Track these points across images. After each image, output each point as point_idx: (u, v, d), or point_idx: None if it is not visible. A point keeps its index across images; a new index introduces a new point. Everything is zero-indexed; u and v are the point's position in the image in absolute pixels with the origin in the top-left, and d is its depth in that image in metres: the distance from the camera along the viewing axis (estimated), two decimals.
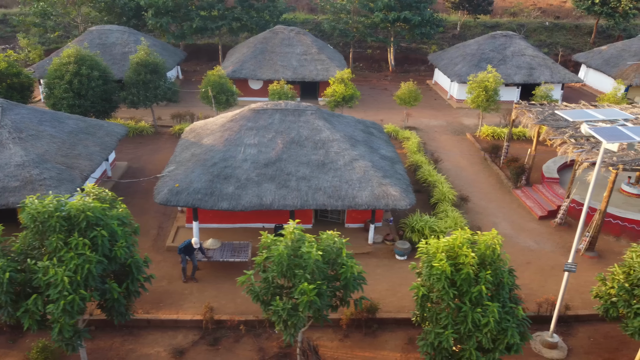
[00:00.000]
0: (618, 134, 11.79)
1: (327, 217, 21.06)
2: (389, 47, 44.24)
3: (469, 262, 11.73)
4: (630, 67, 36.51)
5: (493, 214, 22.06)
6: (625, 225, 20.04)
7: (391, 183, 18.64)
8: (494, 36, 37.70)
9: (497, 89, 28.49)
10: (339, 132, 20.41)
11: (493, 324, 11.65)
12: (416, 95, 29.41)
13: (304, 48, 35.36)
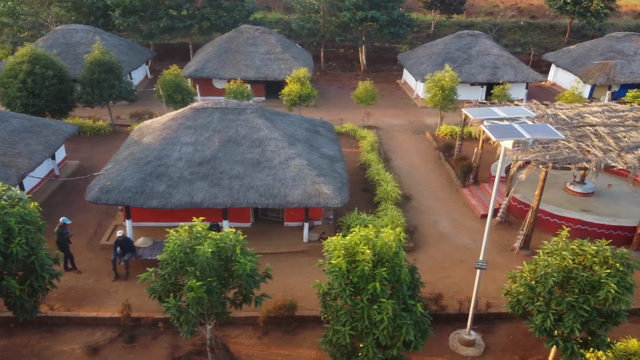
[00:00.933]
0: (509, 132, 11.82)
1: (268, 216, 21.09)
2: (360, 47, 44.27)
3: (364, 259, 11.78)
4: (595, 67, 36.55)
5: (436, 212, 22.10)
6: (562, 223, 20.08)
7: (325, 181, 18.67)
8: (460, 35, 37.75)
9: (454, 88, 28.55)
10: (279, 130, 20.44)
11: (387, 321, 11.70)
12: (373, 94, 29.44)
13: (269, 47, 35.40)
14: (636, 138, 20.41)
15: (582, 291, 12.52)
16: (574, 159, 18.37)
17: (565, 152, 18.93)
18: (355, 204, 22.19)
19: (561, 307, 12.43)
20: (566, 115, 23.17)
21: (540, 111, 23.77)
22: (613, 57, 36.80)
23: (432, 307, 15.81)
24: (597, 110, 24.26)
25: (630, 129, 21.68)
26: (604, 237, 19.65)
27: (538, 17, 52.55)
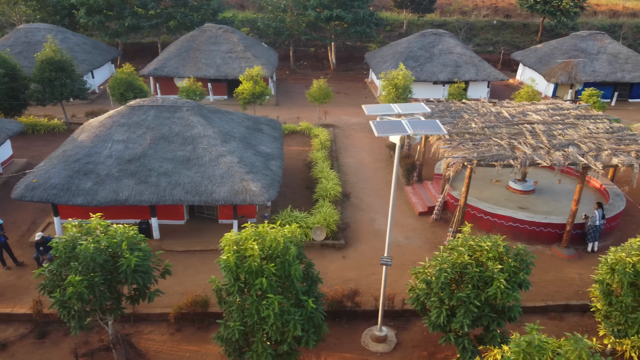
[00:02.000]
0: (395, 127, 11.84)
1: (204, 214, 21.12)
2: (329, 46, 44.29)
3: (252, 254, 11.81)
4: (558, 66, 36.59)
5: (375, 210, 22.14)
6: (495, 220, 20.11)
7: (254, 179, 18.70)
8: (424, 34, 37.78)
9: (408, 86, 28.57)
10: (214, 128, 20.46)
11: (274, 317, 11.73)
12: (327, 93, 29.47)
13: (230, 46, 35.42)
14: (571, 136, 20.44)
15: (475, 287, 12.57)
16: (501, 156, 18.40)
17: (495, 150, 18.96)
18: (297, 202, 22.24)
19: (452, 302, 12.49)
20: (509, 113, 23.21)
21: (485, 109, 23.83)
22: (576, 55, 36.84)
23: (347, 304, 15.82)
24: (542, 108, 24.32)
25: (568, 126, 21.72)
26: (536, 234, 19.76)
27: (513, 17, 52.61)
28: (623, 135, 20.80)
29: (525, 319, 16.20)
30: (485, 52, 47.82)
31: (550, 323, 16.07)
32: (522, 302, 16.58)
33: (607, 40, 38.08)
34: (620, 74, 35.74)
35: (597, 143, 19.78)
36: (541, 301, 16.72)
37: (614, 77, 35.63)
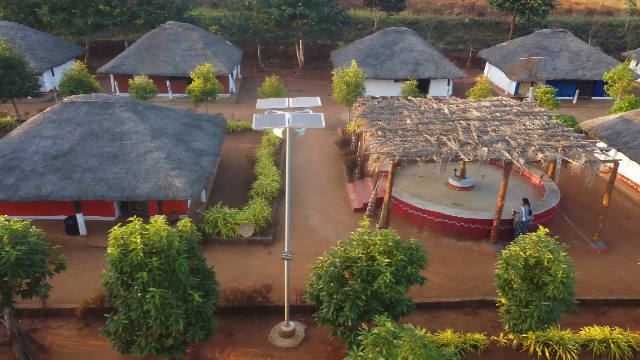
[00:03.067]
0: (271, 121, 11.83)
1: (136, 210, 21.09)
2: (297, 44, 44.26)
3: (135, 248, 11.80)
4: (519, 63, 36.58)
5: (312, 206, 22.14)
6: (425, 217, 20.10)
7: (180, 175, 18.68)
8: (386, 32, 37.76)
9: (359, 84, 28.57)
10: (146, 124, 20.43)
11: (155, 310, 11.72)
12: (279, 89, 29.44)
13: (190, 44, 35.40)
14: (504, 132, 20.42)
15: (364, 281, 12.56)
16: (425, 152, 18.39)
17: (421, 145, 18.95)
18: (235, 198, 22.26)
19: (338, 296, 12.48)
20: (450, 110, 23.20)
21: (427, 106, 23.81)
22: (538, 53, 36.83)
23: (258, 299, 15.81)
24: (485, 105, 24.30)
25: (505, 123, 21.71)
26: (464, 230, 19.75)
27: (487, 15, 52.57)
28: (557, 131, 20.78)
29: (440, 314, 16.29)
30: (456, 50, 47.80)
31: (464, 319, 16.05)
32: (438, 297, 16.76)
33: (570, 38, 38.06)
34: (581, 71, 35.72)
35: (528, 139, 19.77)
36: (458, 297, 16.70)
37: (574, 74, 35.61)
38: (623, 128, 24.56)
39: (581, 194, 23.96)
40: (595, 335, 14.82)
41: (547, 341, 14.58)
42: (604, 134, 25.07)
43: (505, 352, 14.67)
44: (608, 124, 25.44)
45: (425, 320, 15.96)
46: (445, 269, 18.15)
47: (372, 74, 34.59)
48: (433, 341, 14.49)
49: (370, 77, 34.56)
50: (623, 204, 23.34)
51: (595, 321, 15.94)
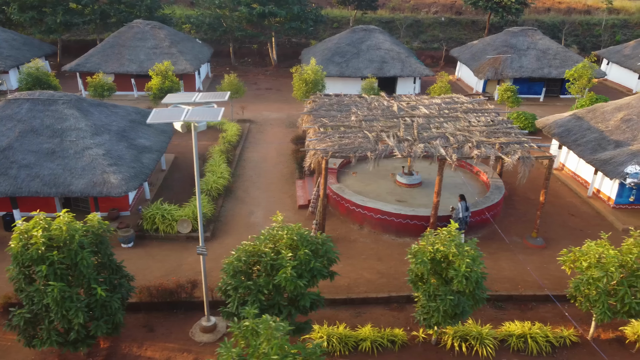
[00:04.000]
0: (168, 115, 11.88)
1: (79, 206, 21.12)
2: (269, 42, 44.28)
3: (36, 242, 11.84)
4: (487, 62, 36.61)
5: (257, 203, 22.18)
6: (366, 213, 20.14)
7: (116, 171, 18.73)
8: (354, 30, 37.82)
9: (318, 81, 28.62)
10: (89, 121, 20.47)
11: (53, 304, 11.78)
12: (238, 87, 29.49)
13: (156, 42, 35.45)
14: (446, 129, 20.44)
15: (268, 274, 12.58)
16: (359, 148, 18.43)
17: (358, 142, 18.98)
18: (182, 195, 22.27)
19: (241, 290, 12.50)
20: (399, 107, 23.23)
21: (377, 103, 23.84)
22: (505, 51, 36.86)
23: (182, 295, 15.84)
24: (437, 102, 24.34)
25: (450, 120, 21.74)
26: (403, 226, 19.77)
27: (464, 14, 52.57)
28: (500, 128, 20.80)
29: (366, 310, 16.31)
30: (431, 49, 47.83)
31: (390, 314, 16.09)
32: (366, 293, 16.77)
33: (538, 37, 38.09)
34: (547, 69, 35.76)
35: (469, 136, 19.80)
36: (386, 292, 16.73)
37: (540, 72, 35.64)
38: (574, 125, 24.62)
39: (530, 190, 23.98)
40: (514, 331, 14.85)
41: (465, 336, 14.62)
42: (556, 131, 25.14)
43: (423, 347, 14.71)
44: (561, 121, 25.50)
45: (351, 315, 15.99)
46: (380, 265, 18.19)
47: (337, 72, 34.65)
48: (350, 336, 14.60)
49: (335, 75, 34.65)
50: (571, 200, 23.37)
51: (521, 317, 15.99)
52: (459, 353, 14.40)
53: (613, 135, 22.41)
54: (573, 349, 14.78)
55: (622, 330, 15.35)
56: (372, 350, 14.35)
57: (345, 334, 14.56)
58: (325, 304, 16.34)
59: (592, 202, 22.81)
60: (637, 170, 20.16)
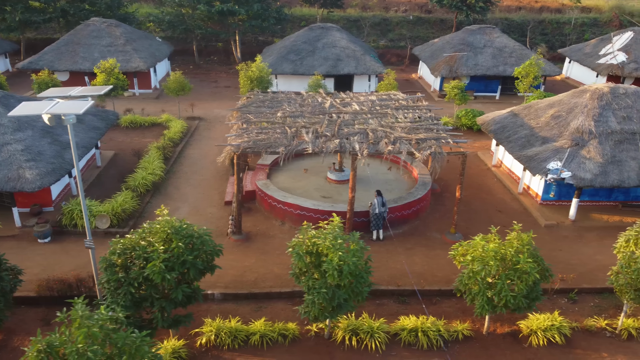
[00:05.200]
0: (33, 108, 11.94)
1: (5, 202, 21.16)
2: (233, 40, 44.31)
3: None
4: (443, 60, 36.66)
5: (185, 199, 22.25)
6: (286, 209, 20.19)
7: (34, 166, 18.77)
8: (311, 28, 37.88)
9: (263, 78, 28.67)
10: (12, 118, 20.51)
11: None
12: (183, 85, 29.53)
13: (111, 40, 35.50)
14: (368, 126, 20.48)
15: (142, 268, 12.62)
16: (272, 144, 18.50)
17: (273, 138, 19.05)
18: (113, 191, 22.26)
19: (113, 283, 12.56)
20: (332, 104, 23.29)
21: (311, 100, 23.94)
22: (462, 49, 36.90)
23: (82, 289, 15.89)
24: (372, 99, 24.45)
25: (377, 116, 21.83)
26: (321, 221, 19.76)
27: (434, 12, 52.60)
28: (424, 124, 20.86)
29: (268, 304, 16.33)
30: (397, 48, 47.89)
31: (289, 309, 16.10)
32: (271, 288, 16.78)
33: (496, 34, 38.14)
34: (502, 67, 35.81)
35: (389, 132, 19.86)
36: (290, 287, 16.75)
37: (496, 70, 35.70)
38: (509, 122, 24.67)
39: (465, 188, 23.97)
40: (407, 325, 14.90)
41: (356, 330, 14.68)
42: (492, 128, 25.20)
43: (315, 341, 14.76)
44: (498, 118, 25.55)
45: (251, 310, 16.03)
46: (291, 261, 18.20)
47: (291, 69, 34.73)
48: (241, 330, 14.65)
49: (289, 72, 34.73)
50: (502, 197, 23.42)
51: (423, 311, 16.01)
52: (349, 347, 14.45)
53: (542, 132, 22.46)
54: (466, 343, 14.85)
55: (519, 325, 15.41)
56: (262, 344, 14.40)
57: (237, 327, 14.61)
58: (229, 299, 16.59)
59: (522, 199, 22.87)
60: (557, 167, 20.21)
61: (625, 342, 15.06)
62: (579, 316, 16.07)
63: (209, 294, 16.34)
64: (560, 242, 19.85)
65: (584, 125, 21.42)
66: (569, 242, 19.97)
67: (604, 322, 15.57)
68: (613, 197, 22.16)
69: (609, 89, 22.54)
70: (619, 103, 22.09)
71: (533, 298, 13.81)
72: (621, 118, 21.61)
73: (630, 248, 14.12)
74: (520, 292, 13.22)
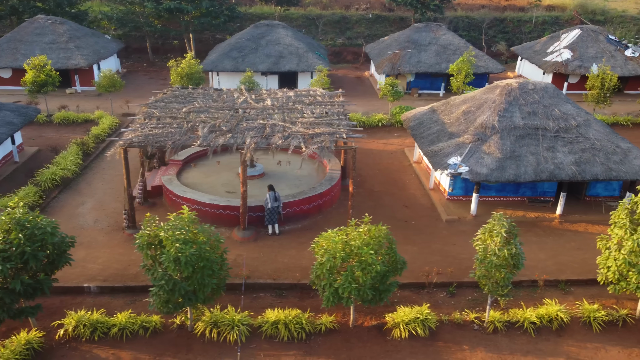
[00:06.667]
0: None
1: None
2: (186, 38, 44.37)
3: None
4: (387, 57, 36.72)
5: (92, 194, 22.36)
6: (184, 204, 20.18)
7: None
8: (257, 26, 37.97)
9: (192, 75, 28.76)
10: None
11: None
12: (113, 82, 29.60)
13: (54, 37, 35.57)
14: (267, 121, 20.51)
15: None
16: (162, 139, 18.57)
17: (166, 132, 19.11)
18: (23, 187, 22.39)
19: None
20: (245, 100, 23.38)
21: (226, 96, 24.02)
22: (407, 47, 36.95)
23: None
24: (290, 94, 24.52)
25: (284, 111, 21.89)
26: (218, 216, 19.88)
27: (395, 11, 52.59)
28: (326, 120, 20.91)
29: (142, 298, 16.37)
30: (354, 45, 47.96)
31: None
32: (138, 282, 16.62)
33: (442, 32, 38.20)
34: (445, 64, 35.83)
35: (288, 127, 19.92)
36: None
37: (438, 67, 35.76)
38: (427, 118, 24.74)
39: (382, 183, 24.13)
40: (270, 318, 14.96)
41: (217, 322, 14.74)
42: (411, 124, 25.28)
43: (177, 333, 14.83)
44: (419, 114, 25.63)
45: (124, 303, 16.09)
46: None
47: (232, 66, 34.82)
48: (103, 322, 14.70)
49: (230, 69, 34.85)
50: (414, 192, 23.48)
51: (298, 305, 16.07)
52: (210, 339, 14.51)
53: (451, 128, 22.52)
54: (329, 336, 14.91)
55: (385, 318, 15.47)
56: (123, 336, 14.47)
57: (98, 320, 14.67)
58: (105, 292, 16.63)
59: (432, 194, 22.94)
60: (456, 162, 20.28)
61: (490, 335, 15.12)
62: (453, 309, 16.13)
63: (85, 287, 16.43)
64: (457, 236, 19.90)
65: (488, 120, 21.48)
66: (465, 237, 19.97)
67: (473, 315, 15.63)
68: (520, 192, 22.22)
69: (518, 85, 22.61)
70: (527, 99, 22.15)
71: (383, 290, 13.87)
72: (526, 113, 21.67)
73: (487, 241, 14.17)
74: (365, 283, 13.28)
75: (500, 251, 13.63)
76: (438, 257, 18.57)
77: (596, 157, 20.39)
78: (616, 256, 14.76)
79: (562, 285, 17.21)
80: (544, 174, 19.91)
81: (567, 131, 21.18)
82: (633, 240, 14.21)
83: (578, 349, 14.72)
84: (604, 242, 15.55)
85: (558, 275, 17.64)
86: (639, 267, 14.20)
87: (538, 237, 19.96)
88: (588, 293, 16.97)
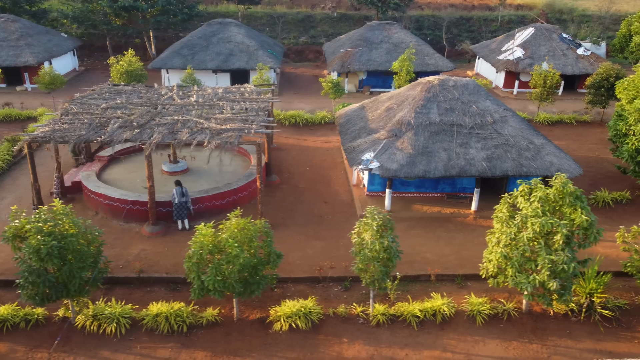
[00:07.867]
0: None
1: None
2: (146, 36, 44.49)
3: None
4: (338, 55, 36.86)
5: (14, 190, 22.65)
6: (98, 199, 20.39)
7: None
8: (210, 24, 38.12)
9: (132, 72, 28.89)
10: None
11: None
12: (54, 79, 29.74)
13: (5, 35, 35.75)
14: (182, 117, 20.61)
15: None
16: (67, 135, 18.70)
17: (73, 128, 19.24)
18: None
19: None
20: (169, 96, 23.50)
21: (152, 93, 24.17)
22: (359, 44, 37.07)
23: None
24: (219, 91, 24.65)
25: (204, 107, 22.03)
26: (129, 212, 19.99)
27: (362, 9, 52.70)
28: (241, 116, 21.01)
29: None
30: (317, 44, 48.07)
31: None
32: None
33: (395, 30, 38.32)
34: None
35: (200, 123, 20.03)
36: None
37: (388, 65, 35.79)
38: (355, 115, 24.87)
39: (306, 180, 24.25)
40: (152, 311, 15.08)
41: (98, 315, 14.86)
42: (341, 121, 25.39)
43: (59, 326, 14.95)
44: (350, 111, 25.76)
45: (15, 296, 16.16)
46: None
47: (181, 64, 34.96)
48: None
49: (179, 67, 34.99)
50: (338, 189, 23.59)
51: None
52: (89, 332, 14.62)
53: (373, 124, 22.64)
54: (210, 328, 15.04)
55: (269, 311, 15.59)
56: (2, 328, 14.58)
57: None
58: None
59: (354, 190, 23.06)
60: (369, 158, 20.40)
61: (373, 328, 15.23)
62: (345, 303, 16.23)
63: None
64: None
65: (405, 117, 21.59)
66: None
67: (360, 309, 15.74)
68: (440, 188, 22.34)
69: (439, 82, 22.72)
70: (446, 95, 22.26)
71: (253, 283, 13.99)
72: (444, 110, 21.77)
73: (362, 234, 14.30)
74: (231, 276, 13.39)
75: (373, 244, 13.77)
76: (342, 252, 18.66)
77: (508, 153, 20.49)
78: (495, 250, 14.88)
79: (458, 279, 17.33)
80: (454, 170, 20.02)
81: (482, 127, 21.29)
82: (507, 233, 14.35)
83: (457, 341, 14.84)
84: (490, 237, 15.68)
85: (457, 269, 17.74)
86: (513, 261, 14.31)
87: (448, 233, 20.08)
88: (483, 287, 17.04)
